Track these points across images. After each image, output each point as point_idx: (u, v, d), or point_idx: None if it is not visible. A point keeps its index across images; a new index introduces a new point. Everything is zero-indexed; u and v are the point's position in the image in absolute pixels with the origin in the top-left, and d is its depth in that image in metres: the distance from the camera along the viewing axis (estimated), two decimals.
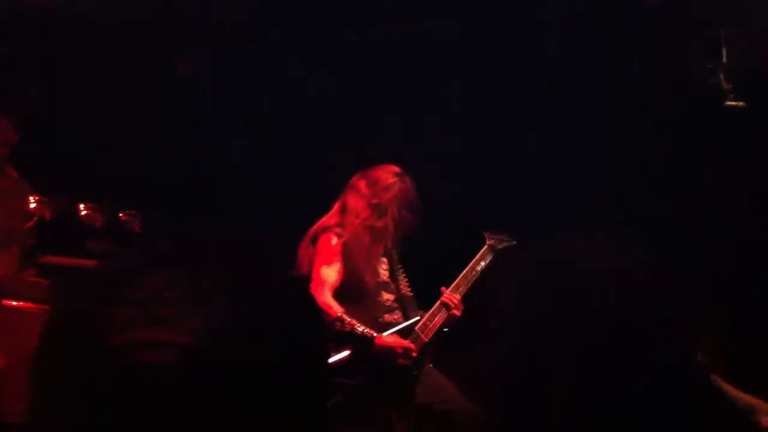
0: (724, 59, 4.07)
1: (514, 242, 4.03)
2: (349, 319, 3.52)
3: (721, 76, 4.06)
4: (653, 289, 1.07)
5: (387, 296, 3.82)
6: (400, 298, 3.85)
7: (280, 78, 5.58)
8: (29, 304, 4.30)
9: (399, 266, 3.92)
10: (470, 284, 3.84)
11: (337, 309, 3.55)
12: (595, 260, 1.10)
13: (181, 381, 0.75)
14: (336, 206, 3.90)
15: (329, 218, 3.86)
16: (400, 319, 3.76)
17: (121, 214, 5.25)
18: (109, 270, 0.82)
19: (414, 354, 3.59)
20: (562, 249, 1.13)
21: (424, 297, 3.88)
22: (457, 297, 3.75)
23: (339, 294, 3.65)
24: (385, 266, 3.88)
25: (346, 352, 3.54)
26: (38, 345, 0.81)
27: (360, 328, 3.53)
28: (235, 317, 0.77)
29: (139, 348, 0.76)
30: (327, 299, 3.58)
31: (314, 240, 3.76)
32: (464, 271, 3.86)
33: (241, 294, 0.79)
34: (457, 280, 3.82)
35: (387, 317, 3.75)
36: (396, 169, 3.92)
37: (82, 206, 5.20)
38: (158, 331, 0.76)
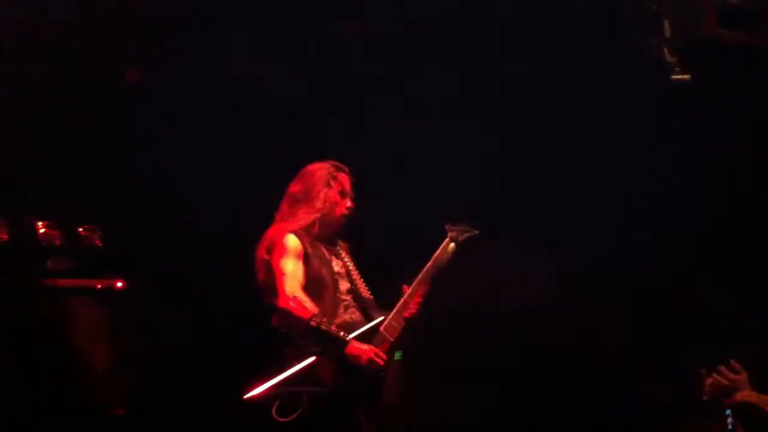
0: (667, 33, 4.04)
1: (476, 232, 3.98)
2: (324, 318, 3.48)
3: (665, 50, 4.04)
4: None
5: (345, 296, 3.77)
6: (359, 300, 3.81)
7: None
8: None
9: (355, 269, 3.88)
10: (433, 278, 3.80)
11: (312, 307, 3.49)
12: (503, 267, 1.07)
13: None
14: (282, 208, 3.88)
15: (280, 220, 3.84)
16: (360, 319, 3.72)
17: (80, 229, 5.17)
18: None
19: (383, 361, 3.55)
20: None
21: (386, 297, 3.84)
22: (419, 294, 3.73)
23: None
24: (339, 264, 3.85)
25: (310, 359, 3.49)
26: None
27: (334, 329, 3.49)
28: None
29: None
30: (300, 295, 3.52)
31: (271, 243, 3.72)
32: (426, 266, 3.81)
33: None
34: (419, 276, 3.78)
35: (346, 316, 3.70)
36: (328, 161, 3.93)
37: (39, 224, 5.12)
38: None
